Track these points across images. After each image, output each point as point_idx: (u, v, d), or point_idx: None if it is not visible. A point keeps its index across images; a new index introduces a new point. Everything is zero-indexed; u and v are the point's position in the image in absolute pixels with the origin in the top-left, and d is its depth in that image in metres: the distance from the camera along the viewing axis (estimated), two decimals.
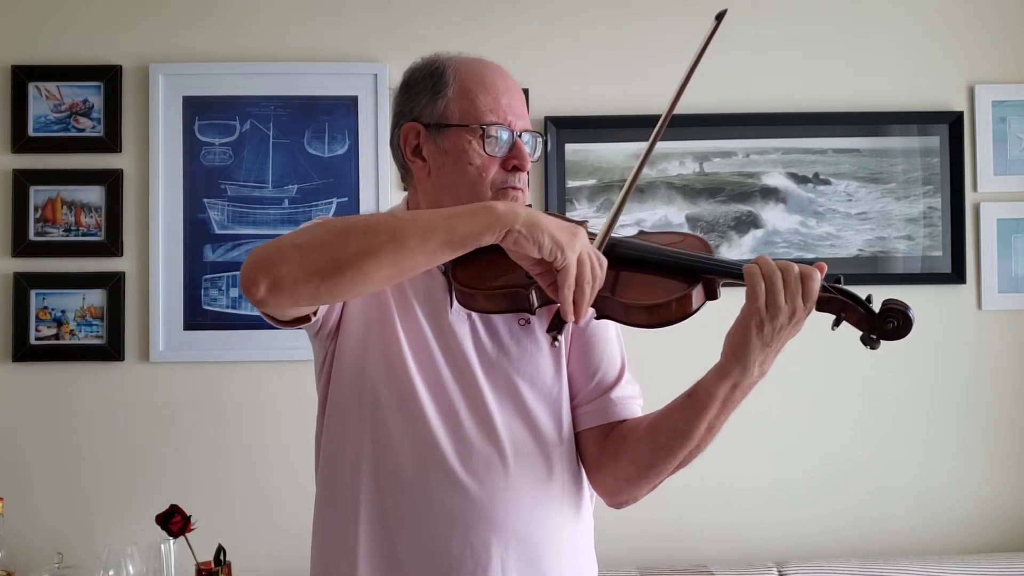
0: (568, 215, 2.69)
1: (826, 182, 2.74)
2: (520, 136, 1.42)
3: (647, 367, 1.67)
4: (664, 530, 2.66)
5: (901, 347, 2.77)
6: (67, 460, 2.63)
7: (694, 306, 1.30)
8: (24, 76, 2.66)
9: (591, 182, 2.71)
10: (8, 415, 2.64)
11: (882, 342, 1.25)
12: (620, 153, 2.71)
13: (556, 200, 2.68)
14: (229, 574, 2.43)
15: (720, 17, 1.37)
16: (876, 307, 1.25)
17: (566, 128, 2.70)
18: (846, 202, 2.74)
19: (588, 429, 1.44)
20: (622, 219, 1.38)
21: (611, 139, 2.70)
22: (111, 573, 2.41)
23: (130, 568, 2.41)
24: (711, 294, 1.32)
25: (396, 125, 1.46)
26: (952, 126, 2.74)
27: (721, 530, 2.68)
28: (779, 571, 2.51)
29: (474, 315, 1.40)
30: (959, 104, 2.76)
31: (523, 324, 1.42)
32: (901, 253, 2.73)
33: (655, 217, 2.72)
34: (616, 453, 1.40)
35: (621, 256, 1.36)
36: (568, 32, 2.73)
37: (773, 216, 2.73)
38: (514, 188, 1.41)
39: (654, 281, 1.32)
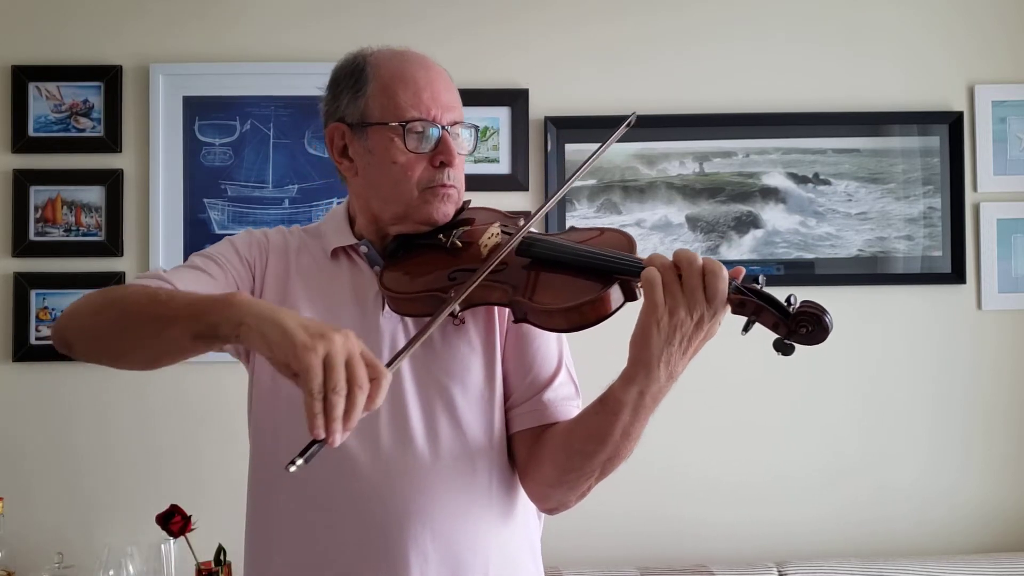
0: (567, 215, 2.70)
1: (826, 182, 2.74)
2: (446, 129, 1.35)
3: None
4: (664, 529, 2.66)
5: (902, 347, 2.80)
6: (67, 460, 2.63)
7: (611, 308, 1.22)
8: (24, 76, 2.66)
9: (591, 182, 2.71)
10: (8, 415, 2.64)
11: (796, 347, 1.14)
12: (620, 153, 2.71)
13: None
14: (229, 574, 2.43)
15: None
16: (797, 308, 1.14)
17: (566, 128, 2.69)
18: (846, 202, 2.74)
19: (519, 432, 1.36)
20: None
21: None
22: (111, 573, 2.41)
23: (130, 568, 2.42)
24: (630, 295, 1.23)
25: (325, 126, 1.43)
26: (952, 126, 2.74)
27: (721, 530, 2.68)
28: (779, 571, 2.51)
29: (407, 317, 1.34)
30: (959, 104, 2.76)
31: (458, 324, 1.35)
32: (901, 253, 2.73)
33: (655, 217, 2.71)
34: (540, 457, 1.33)
35: (537, 256, 1.29)
36: (568, 33, 2.73)
37: (773, 216, 2.73)
38: (443, 185, 1.35)
39: (570, 282, 1.24)
